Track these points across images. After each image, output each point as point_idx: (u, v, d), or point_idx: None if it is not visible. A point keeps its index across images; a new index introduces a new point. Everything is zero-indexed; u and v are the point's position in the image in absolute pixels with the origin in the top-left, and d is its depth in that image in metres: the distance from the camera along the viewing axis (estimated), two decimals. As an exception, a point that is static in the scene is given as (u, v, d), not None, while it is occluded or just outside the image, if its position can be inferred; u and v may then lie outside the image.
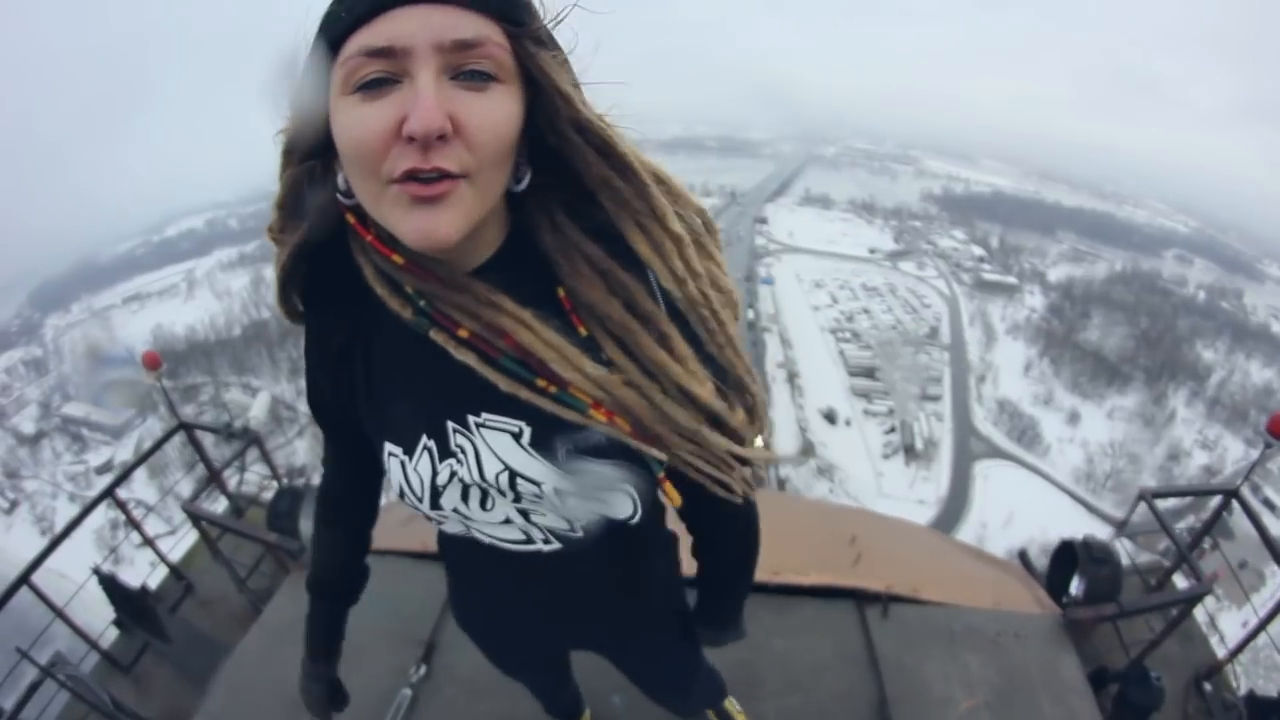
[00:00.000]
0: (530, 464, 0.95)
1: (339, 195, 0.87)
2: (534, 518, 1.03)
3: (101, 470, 51.28)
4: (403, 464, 0.99)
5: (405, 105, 0.70)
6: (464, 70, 0.72)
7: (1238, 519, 3.97)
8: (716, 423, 0.93)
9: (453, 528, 1.08)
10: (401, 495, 1.02)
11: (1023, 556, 4.55)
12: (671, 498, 0.99)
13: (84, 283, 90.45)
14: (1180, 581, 4.07)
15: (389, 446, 1.00)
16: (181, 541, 4.59)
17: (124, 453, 52.83)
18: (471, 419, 0.95)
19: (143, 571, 4.29)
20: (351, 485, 1.28)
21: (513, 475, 0.96)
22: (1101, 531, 4.12)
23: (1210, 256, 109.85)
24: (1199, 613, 3.82)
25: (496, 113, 0.75)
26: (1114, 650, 3.64)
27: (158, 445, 4.61)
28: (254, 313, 76.52)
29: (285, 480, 4.67)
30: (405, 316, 0.89)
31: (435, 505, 1.01)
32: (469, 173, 0.74)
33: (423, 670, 2.96)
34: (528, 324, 0.86)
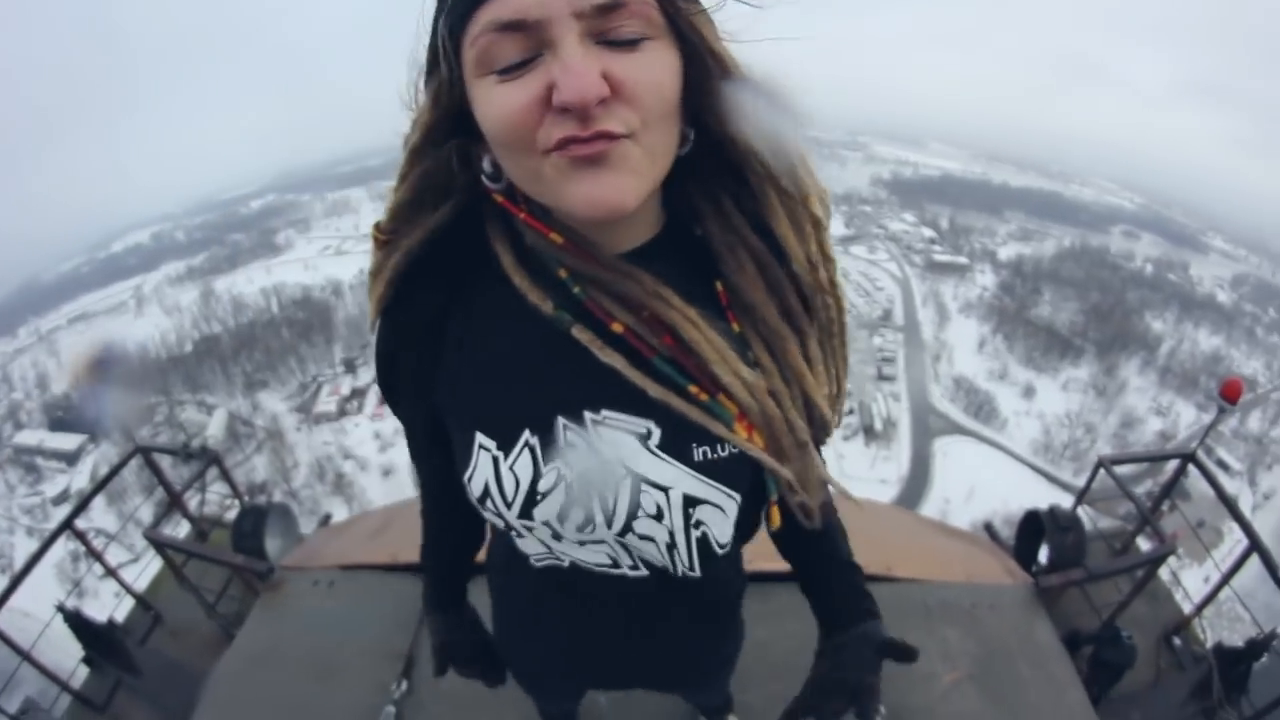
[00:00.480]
0: (659, 467, 0.86)
1: (485, 179, 0.80)
2: (631, 549, 0.94)
3: (58, 501, 50.04)
4: (495, 461, 0.86)
5: (552, 74, 0.64)
6: (610, 35, 0.65)
7: (1194, 481, 4.08)
8: (820, 435, 0.90)
9: (530, 546, 0.97)
10: (483, 498, 0.89)
11: (989, 529, 4.63)
12: (772, 520, 0.94)
13: (29, 305, 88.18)
14: (1143, 543, 4.18)
15: (480, 438, 0.87)
16: (146, 569, 4.47)
17: (81, 480, 51.59)
18: (588, 415, 0.84)
19: (108, 604, 4.16)
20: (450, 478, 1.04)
21: (637, 481, 0.86)
22: (1063, 500, 4.21)
23: (1156, 231, 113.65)
24: (1163, 572, 3.92)
25: (656, 68, 0.68)
26: (1085, 614, 3.72)
27: (114, 471, 4.49)
28: (205, 327, 75.13)
29: (247, 499, 4.58)
30: (544, 310, 0.81)
31: (525, 514, 0.88)
32: (634, 132, 0.67)
33: (404, 686, 2.90)
34: (694, 321, 0.80)
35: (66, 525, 3.82)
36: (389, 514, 4.73)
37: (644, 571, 0.97)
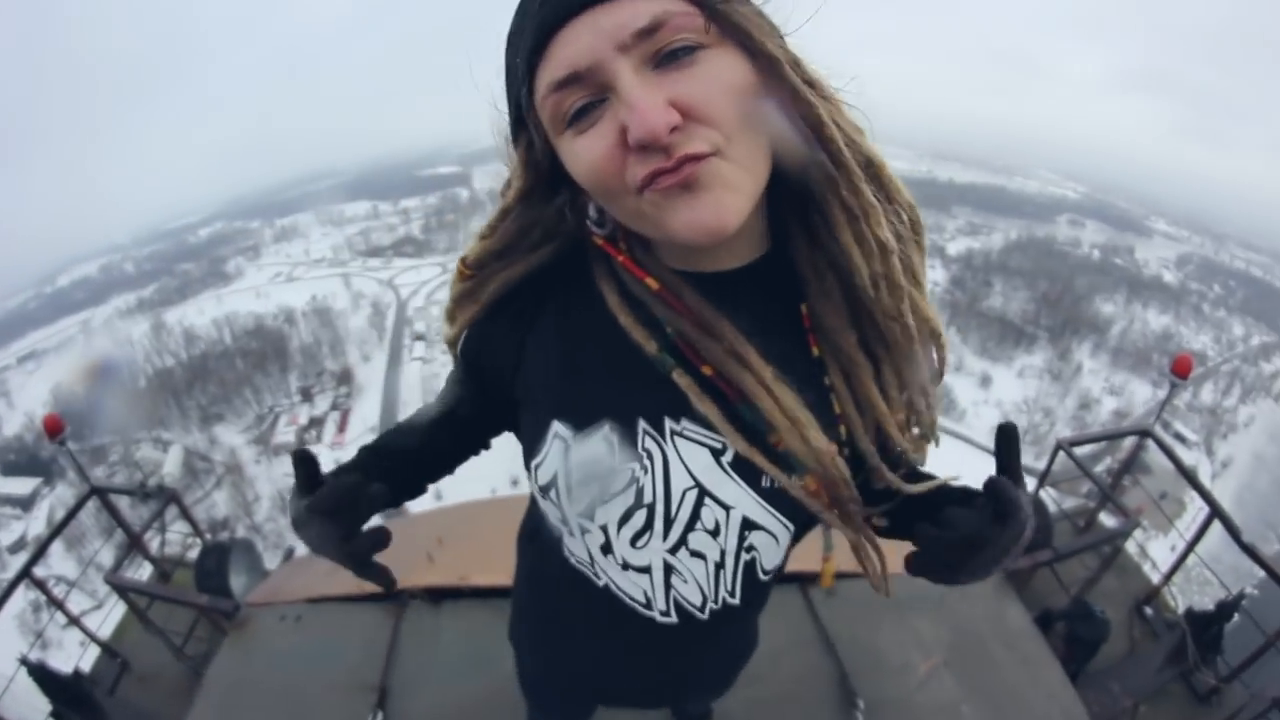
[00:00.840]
0: (726, 485, 0.87)
1: (590, 224, 0.84)
2: (674, 580, 0.94)
3: (15, 548, 48.24)
4: (568, 448, 0.87)
5: (621, 116, 0.64)
6: (664, 54, 0.64)
7: (1153, 455, 4.18)
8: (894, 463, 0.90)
9: (577, 548, 0.97)
10: (549, 487, 0.90)
11: (954, 518, 4.68)
12: (825, 577, 0.99)
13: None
14: (1108, 520, 4.26)
15: (556, 426, 0.88)
16: (110, 615, 4.34)
17: (37, 525, 49.88)
18: (669, 423, 0.86)
19: (74, 654, 4.01)
20: (464, 430, 1.08)
21: (702, 494, 0.88)
22: (1026, 484, 4.27)
23: (1100, 218, 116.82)
24: (1130, 545, 4.01)
25: (721, 76, 0.66)
26: (1055, 592, 3.78)
27: (71, 515, 4.34)
28: (158, 361, 73.31)
29: (209, 536, 4.47)
30: (648, 350, 0.83)
31: (587, 512, 0.91)
32: (719, 149, 0.66)
33: (380, 717, 2.86)
34: (767, 386, 0.80)
35: (24, 574, 3.69)
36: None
37: (673, 619, 0.98)
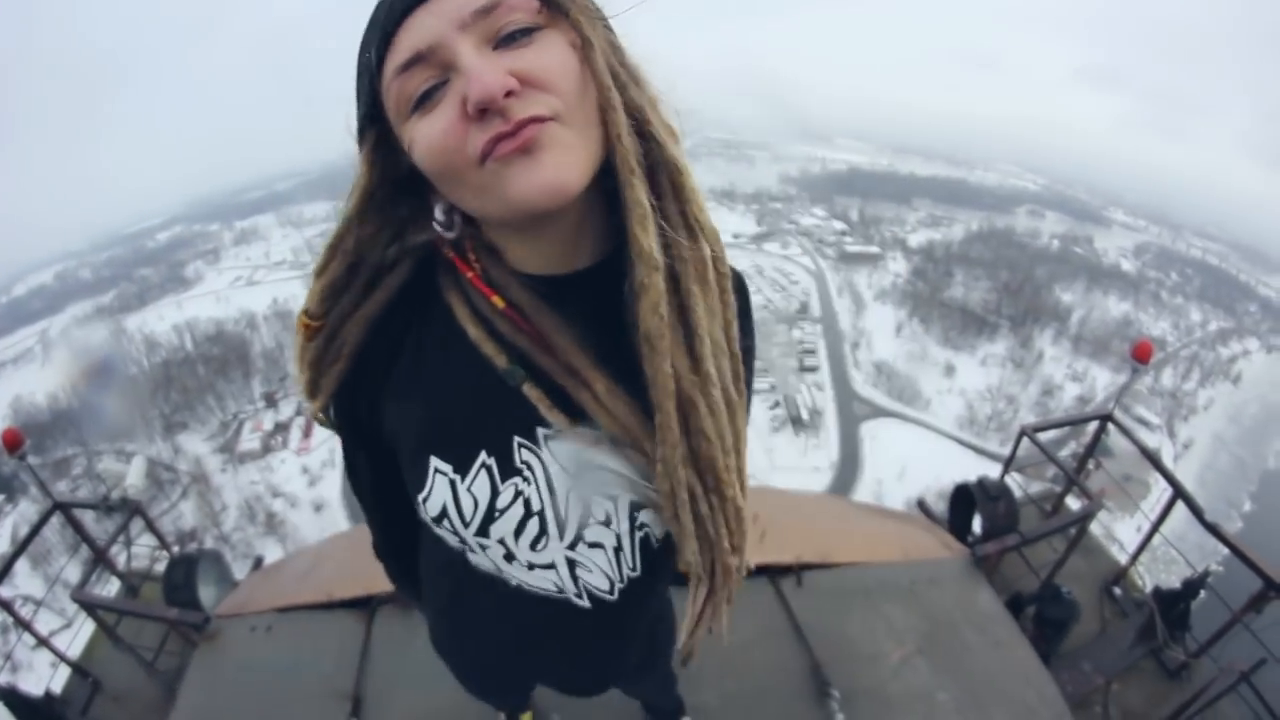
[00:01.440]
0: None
1: (437, 226, 0.84)
2: (579, 571, 0.97)
3: (-25, 569, 46.80)
4: (453, 484, 0.88)
5: (460, 87, 0.67)
6: (503, 35, 0.68)
7: (1116, 439, 4.27)
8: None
9: (480, 562, 0.98)
10: (440, 518, 0.91)
11: (922, 506, 4.75)
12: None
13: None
14: (1073, 503, 4.34)
15: (435, 463, 0.88)
16: (80, 633, 4.24)
17: (-1, 544, 48.56)
18: (541, 432, 0.87)
19: (44, 675, 3.93)
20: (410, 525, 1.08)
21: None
22: (992, 471, 4.35)
23: (1060, 209, 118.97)
24: (1096, 528, 4.09)
25: (556, 51, 0.70)
26: (1024, 576, 3.86)
27: (34, 532, 4.24)
28: (120, 369, 71.53)
29: (176, 548, 4.40)
30: (497, 363, 0.84)
31: (483, 532, 0.91)
32: (557, 114, 0.68)
33: (356, 724, 2.83)
34: (600, 400, 0.82)
35: (-12, 595, 3.61)
36: (320, 551, 4.64)
37: (586, 603, 1.01)
